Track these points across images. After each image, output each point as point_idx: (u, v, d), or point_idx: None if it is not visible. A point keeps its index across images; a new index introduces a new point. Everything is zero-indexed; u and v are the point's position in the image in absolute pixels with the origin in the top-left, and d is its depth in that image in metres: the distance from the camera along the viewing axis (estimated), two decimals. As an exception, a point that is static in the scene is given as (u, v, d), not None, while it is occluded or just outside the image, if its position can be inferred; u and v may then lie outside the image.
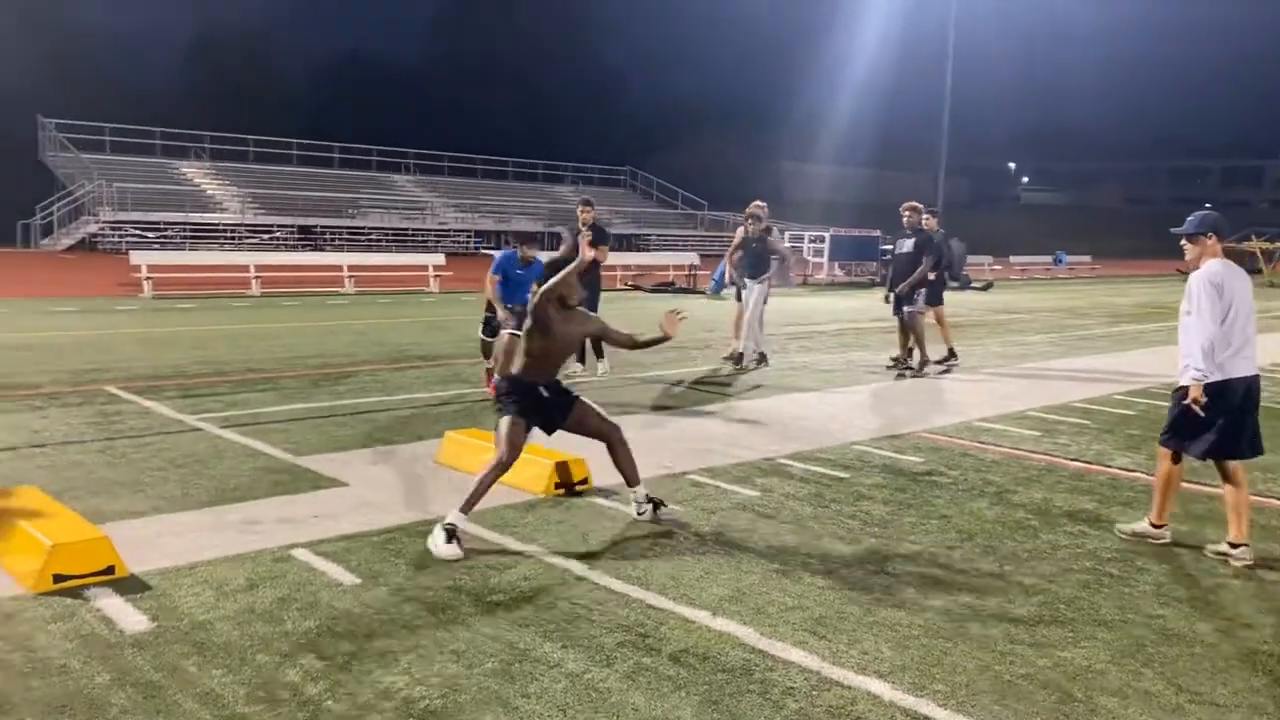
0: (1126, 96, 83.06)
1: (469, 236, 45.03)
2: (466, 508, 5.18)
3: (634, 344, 5.92)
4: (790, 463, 7.23)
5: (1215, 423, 5.19)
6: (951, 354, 12.84)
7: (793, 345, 14.66)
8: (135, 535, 5.16)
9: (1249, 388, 5.25)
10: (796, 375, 11.70)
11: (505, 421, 5.36)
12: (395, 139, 51.38)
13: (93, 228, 36.86)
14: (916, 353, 12.06)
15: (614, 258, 32.38)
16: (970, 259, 34.76)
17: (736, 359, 12.13)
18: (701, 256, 32.07)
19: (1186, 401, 5.18)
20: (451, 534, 5.07)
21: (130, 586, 4.52)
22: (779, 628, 4.26)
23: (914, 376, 11.73)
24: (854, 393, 10.59)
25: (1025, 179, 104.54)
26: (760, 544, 5.38)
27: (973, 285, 31.73)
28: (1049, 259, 45.82)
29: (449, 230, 45.41)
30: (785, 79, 67.62)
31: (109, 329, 14.80)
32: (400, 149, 51.35)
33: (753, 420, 8.87)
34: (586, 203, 11.61)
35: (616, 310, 19.48)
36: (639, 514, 5.71)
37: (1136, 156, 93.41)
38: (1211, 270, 5.22)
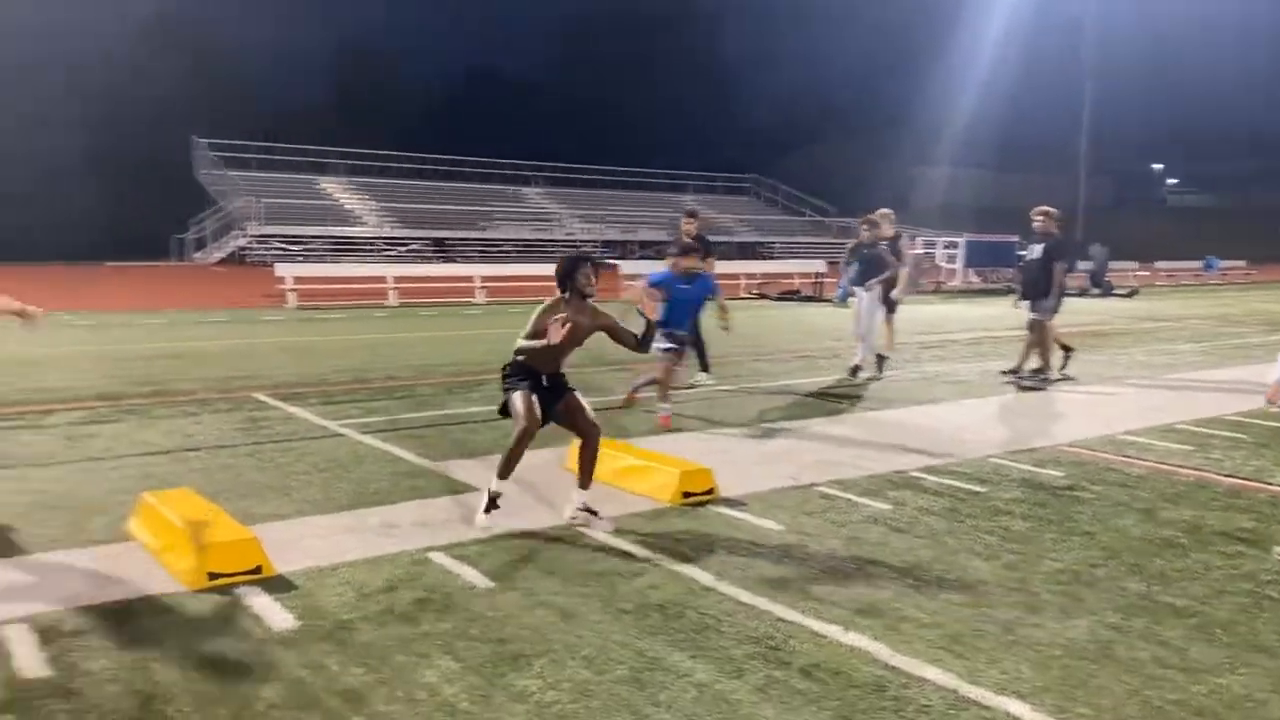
0: (1291, 90, 78.10)
1: (595, 247, 45.59)
2: (504, 473, 5.62)
3: (636, 340, 5.99)
4: (923, 475, 7.06)
5: None
6: (1066, 349, 12.20)
7: (925, 354, 14.33)
8: (282, 536, 5.38)
9: None
10: (929, 385, 11.43)
11: (518, 396, 5.66)
12: (524, 152, 52.51)
13: (241, 241, 38.81)
14: (1033, 359, 11.60)
15: (738, 266, 32.32)
16: (1113, 265, 33.38)
17: (854, 370, 11.81)
18: (828, 264, 31.68)
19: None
20: (492, 502, 5.57)
21: (277, 586, 4.72)
22: (913, 644, 4.16)
23: (1030, 388, 11.28)
24: (989, 404, 10.28)
25: (1172, 180, 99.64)
26: (893, 558, 5.27)
27: (1115, 291, 30.47)
28: (1198, 264, 43.62)
29: (576, 240, 46.07)
30: (913, 81, 66.25)
31: (256, 338, 15.52)
32: (529, 162, 52.44)
33: (883, 431, 8.70)
34: (690, 214, 11.46)
35: (741, 318, 19.42)
36: (570, 517, 5.76)
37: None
38: None
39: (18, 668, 3.84)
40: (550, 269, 6.01)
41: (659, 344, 8.18)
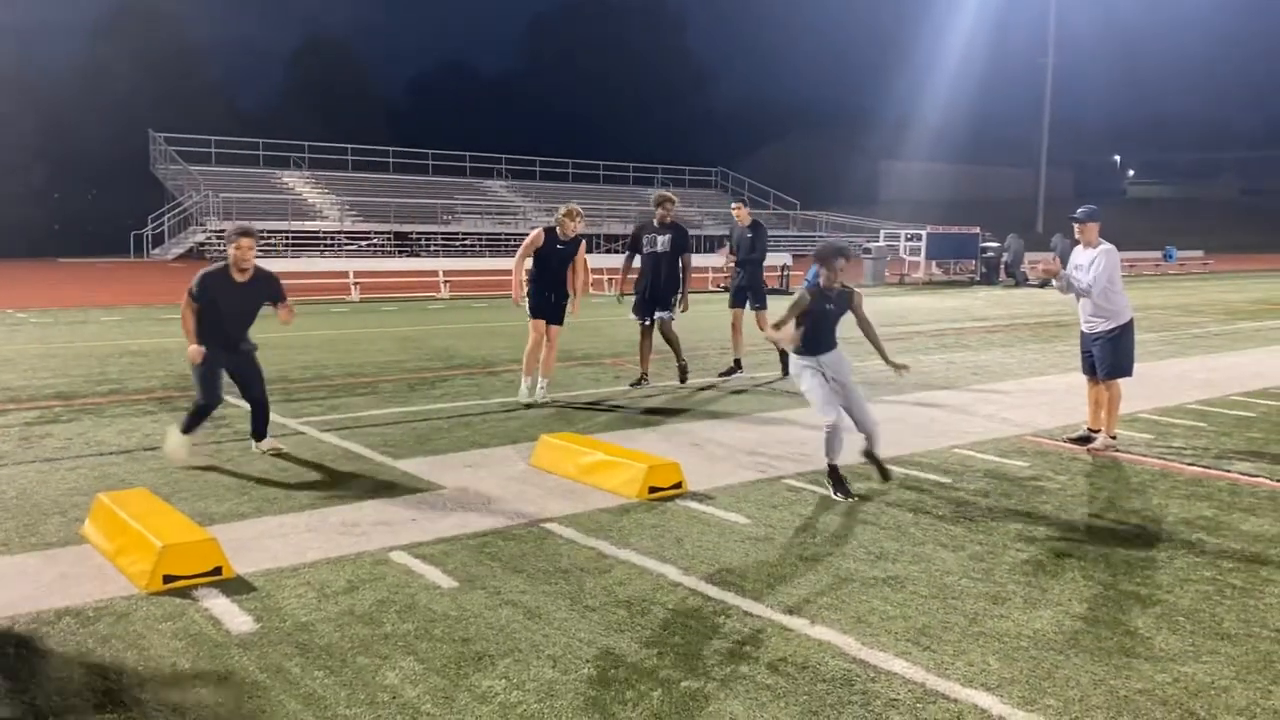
0: (1240, 82, 79.32)
1: (561, 240, 45.38)
2: None
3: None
4: (888, 468, 7.05)
5: None
6: (738, 365, 11.77)
7: (889, 347, 14.34)
8: (240, 537, 5.28)
9: None
10: (893, 377, 11.43)
11: None
12: (487, 145, 52.21)
13: (200, 237, 38.23)
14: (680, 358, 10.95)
15: (704, 259, 32.25)
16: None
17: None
18: (794, 257, 31.74)
19: None
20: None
21: (236, 587, 4.62)
22: (880, 637, 4.14)
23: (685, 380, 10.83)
24: (953, 395, 10.33)
25: (1131, 172, 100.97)
26: (859, 551, 5.26)
27: (1029, 282, 29.70)
28: (1158, 255, 44.11)
29: (541, 234, 45.82)
30: (877, 76, 66.73)
31: (216, 335, 15.24)
32: (492, 154, 52.14)
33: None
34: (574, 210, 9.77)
35: (708, 311, 19.39)
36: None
37: (1253, 145, 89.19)
38: None
39: (-35, 676, 3.73)
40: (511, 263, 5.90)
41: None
